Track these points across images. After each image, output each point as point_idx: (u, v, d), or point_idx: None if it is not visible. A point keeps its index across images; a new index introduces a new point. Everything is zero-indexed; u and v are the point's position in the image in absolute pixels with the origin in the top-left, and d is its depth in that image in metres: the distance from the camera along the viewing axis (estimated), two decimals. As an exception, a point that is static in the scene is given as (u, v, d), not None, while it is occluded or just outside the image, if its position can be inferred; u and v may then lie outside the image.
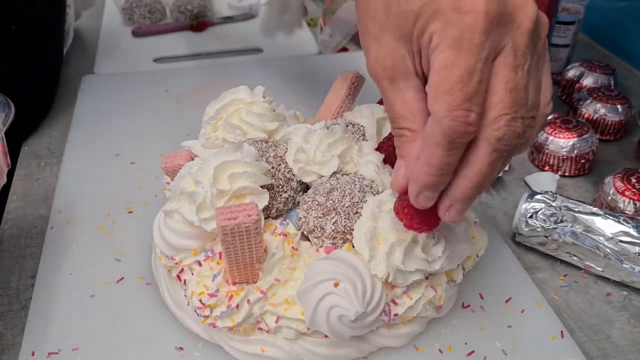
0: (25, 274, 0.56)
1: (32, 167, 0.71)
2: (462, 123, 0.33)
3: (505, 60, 0.34)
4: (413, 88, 0.37)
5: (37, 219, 0.62)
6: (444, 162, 0.35)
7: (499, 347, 0.50)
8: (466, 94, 0.33)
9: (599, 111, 0.76)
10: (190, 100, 0.83)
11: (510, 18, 0.34)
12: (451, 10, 0.33)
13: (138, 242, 0.58)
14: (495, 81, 0.34)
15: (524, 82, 0.34)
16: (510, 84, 0.33)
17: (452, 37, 0.33)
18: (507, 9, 0.33)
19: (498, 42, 0.33)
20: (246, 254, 0.44)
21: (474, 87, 0.33)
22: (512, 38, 0.34)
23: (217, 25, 1.08)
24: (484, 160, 0.35)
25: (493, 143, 0.34)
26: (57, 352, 0.48)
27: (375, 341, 0.48)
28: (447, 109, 0.33)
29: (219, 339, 0.48)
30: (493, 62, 0.34)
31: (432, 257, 0.44)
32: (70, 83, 0.88)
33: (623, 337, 0.52)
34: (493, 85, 0.34)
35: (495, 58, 0.34)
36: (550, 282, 0.57)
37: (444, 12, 0.33)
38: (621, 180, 0.62)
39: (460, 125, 0.33)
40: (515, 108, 0.34)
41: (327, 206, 0.47)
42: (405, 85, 0.37)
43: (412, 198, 0.38)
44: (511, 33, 0.34)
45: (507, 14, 0.33)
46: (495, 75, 0.34)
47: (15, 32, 0.71)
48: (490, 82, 0.34)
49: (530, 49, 0.35)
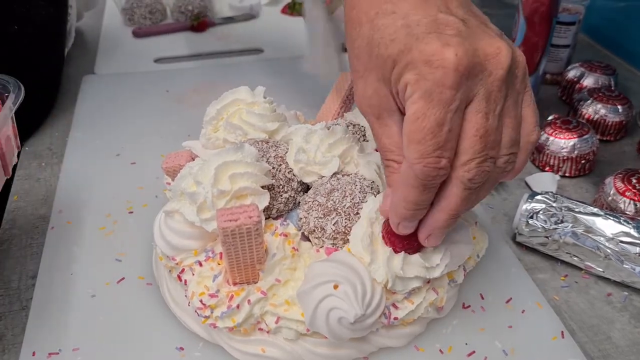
0: (26, 274, 0.56)
1: (32, 167, 0.71)
2: (433, 169, 0.35)
3: (477, 107, 0.35)
4: (397, 123, 0.39)
5: (37, 219, 0.62)
6: (419, 199, 0.38)
7: (500, 347, 0.49)
8: (436, 144, 0.35)
9: (599, 112, 0.76)
10: (191, 101, 0.83)
11: (481, 67, 0.35)
12: (423, 64, 0.34)
13: (139, 242, 0.58)
14: (467, 127, 0.35)
15: (495, 125, 0.36)
16: (481, 130, 0.35)
17: (424, 89, 0.34)
18: (477, 60, 0.34)
19: (469, 92, 0.35)
20: (247, 254, 0.44)
21: (444, 137, 0.35)
22: (484, 86, 0.35)
23: (218, 26, 1.08)
24: (458, 196, 0.37)
25: (465, 183, 0.36)
26: (58, 352, 0.48)
27: (375, 341, 0.48)
28: (419, 157, 0.35)
29: (219, 339, 0.48)
30: (466, 109, 0.35)
31: (431, 264, 0.44)
32: (71, 83, 0.88)
33: (623, 337, 0.52)
34: (465, 130, 0.35)
35: (467, 105, 0.35)
36: (551, 282, 0.57)
37: (416, 65, 0.35)
38: (622, 180, 0.62)
39: (431, 171, 0.35)
40: (485, 152, 0.36)
41: (327, 207, 0.47)
42: (391, 120, 0.39)
43: (393, 226, 0.42)
44: (483, 82, 0.35)
45: (478, 65, 0.34)
46: (467, 122, 0.35)
47: (16, 32, 0.71)
48: (462, 127, 0.35)
49: (504, 92, 0.36)
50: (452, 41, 0.34)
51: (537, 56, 0.75)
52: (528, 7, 0.72)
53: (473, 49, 0.34)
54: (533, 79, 0.77)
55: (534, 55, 0.75)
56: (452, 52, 0.34)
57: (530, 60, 0.76)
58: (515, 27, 0.75)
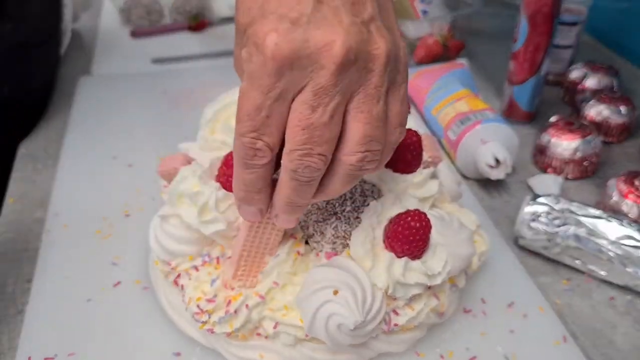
0: (22, 278, 0.55)
1: (28, 169, 0.70)
2: (250, 148, 0.35)
3: (303, 99, 0.34)
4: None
5: (33, 222, 0.62)
6: (245, 178, 0.37)
7: (501, 352, 0.49)
8: (252, 126, 0.34)
9: (602, 113, 0.76)
10: (189, 102, 0.82)
11: (309, 59, 0.33)
12: (253, 45, 0.33)
13: (135, 245, 0.58)
14: (291, 117, 0.34)
15: (325, 120, 0.34)
16: (304, 122, 0.34)
17: (249, 71, 0.34)
18: (304, 51, 0.33)
19: (296, 82, 0.34)
20: (264, 239, 0.44)
21: (260, 121, 0.34)
22: (313, 78, 0.33)
23: (216, 26, 1.07)
24: (285, 183, 0.37)
25: (289, 173, 0.36)
26: (54, 357, 0.48)
27: (375, 347, 0.47)
28: (237, 133, 0.35)
29: (217, 344, 0.47)
30: (294, 99, 0.34)
31: (432, 271, 0.44)
32: (67, 84, 0.87)
33: (626, 341, 0.52)
34: (289, 120, 0.35)
35: (295, 96, 0.34)
36: (553, 286, 0.57)
37: (249, 43, 0.34)
38: (625, 182, 0.61)
39: (248, 150, 0.35)
40: (309, 145, 0.34)
41: (327, 210, 0.46)
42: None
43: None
44: (313, 74, 0.33)
45: (304, 57, 0.33)
46: (292, 111, 0.34)
47: (10, 31, 0.71)
48: (289, 117, 0.35)
49: (342, 87, 0.34)
50: (280, 28, 0.32)
51: (539, 57, 0.75)
52: (530, 8, 0.72)
53: (302, 39, 0.33)
54: (535, 80, 0.77)
55: (536, 56, 0.75)
56: (272, 40, 0.32)
57: (532, 61, 0.75)
58: (518, 27, 0.74)
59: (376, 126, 0.35)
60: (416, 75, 0.82)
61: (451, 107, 0.72)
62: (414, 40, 0.92)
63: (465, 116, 0.70)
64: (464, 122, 0.69)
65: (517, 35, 0.75)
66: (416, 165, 0.50)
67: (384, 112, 0.36)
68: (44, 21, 0.79)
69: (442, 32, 0.92)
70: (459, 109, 0.71)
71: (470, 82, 0.81)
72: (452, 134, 0.70)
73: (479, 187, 0.70)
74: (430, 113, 0.77)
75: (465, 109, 0.71)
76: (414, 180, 0.49)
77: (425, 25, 0.93)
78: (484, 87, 0.89)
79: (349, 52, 0.33)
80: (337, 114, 0.34)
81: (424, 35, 0.92)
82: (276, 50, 0.32)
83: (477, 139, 0.67)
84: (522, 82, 0.77)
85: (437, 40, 0.92)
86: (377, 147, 0.36)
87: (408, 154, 0.49)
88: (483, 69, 0.94)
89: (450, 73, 0.81)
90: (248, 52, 0.34)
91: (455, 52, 0.94)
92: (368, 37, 0.34)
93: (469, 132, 0.68)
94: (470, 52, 0.98)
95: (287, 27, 0.32)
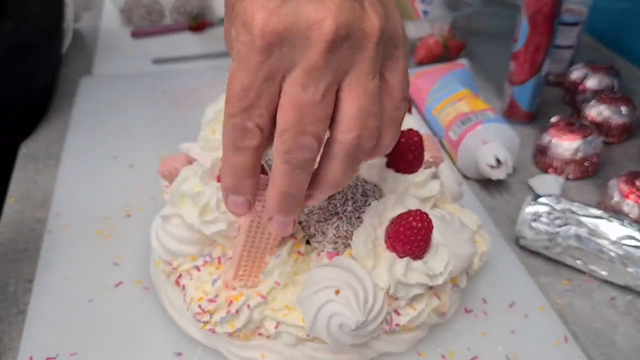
0: (23, 278, 0.55)
1: (29, 169, 0.70)
2: (239, 130, 0.34)
3: (294, 78, 0.33)
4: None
5: (35, 223, 0.62)
6: (234, 162, 0.36)
7: (502, 352, 0.49)
8: (241, 107, 0.33)
9: (603, 113, 0.76)
10: (189, 102, 0.82)
11: (299, 36, 0.32)
12: (241, 24, 0.32)
13: (136, 245, 0.58)
14: (282, 97, 0.33)
15: (317, 99, 0.33)
16: (294, 101, 0.33)
17: (237, 50, 0.33)
18: (294, 29, 0.31)
19: (286, 61, 0.32)
20: (264, 238, 0.44)
21: (250, 102, 0.33)
22: (303, 57, 0.32)
23: (217, 27, 1.07)
24: (279, 171, 0.35)
25: (281, 155, 0.34)
26: (55, 356, 0.48)
27: (376, 347, 0.47)
28: (227, 115, 0.34)
29: (218, 344, 0.47)
30: (284, 79, 0.33)
31: (434, 271, 0.44)
32: (68, 84, 0.87)
33: (627, 342, 0.52)
34: (280, 103, 0.34)
35: (285, 75, 0.33)
36: (554, 286, 0.57)
37: (236, 22, 0.33)
38: (625, 183, 0.61)
39: (238, 132, 0.34)
40: (301, 125, 0.33)
41: (328, 210, 0.46)
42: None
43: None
44: (304, 51, 0.32)
45: (294, 34, 0.32)
46: (283, 92, 0.33)
47: (11, 31, 0.71)
48: (280, 100, 0.34)
49: (334, 65, 0.33)
50: (269, 4, 0.31)
51: (540, 57, 0.75)
52: (531, 8, 0.72)
53: (292, 15, 0.31)
54: (536, 80, 0.77)
55: (536, 56, 0.75)
56: (261, 16, 0.31)
57: (533, 61, 0.75)
58: (518, 27, 0.74)
59: (371, 101, 0.34)
60: (417, 76, 0.82)
61: (452, 108, 0.73)
62: (414, 41, 0.92)
63: (466, 116, 0.70)
64: (465, 123, 0.69)
65: (517, 36, 0.75)
66: (417, 165, 0.50)
67: (378, 89, 0.35)
68: (45, 21, 0.79)
69: (442, 32, 0.92)
70: (459, 110, 0.71)
71: (471, 83, 0.81)
72: (453, 134, 0.70)
73: (480, 188, 0.70)
74: (431, 113, 0.77)
75: (466, 110, 0.71)
76: (415, 181, 0.49)
77: (425, 25, 0.93)
78: (485, 87, 0.89)
79: (340, 29, 0.32)
80: (329, 92, 0.33)
81: (425, 35, 0.92)
82: (265, 27, 0.31)
83: (478, 140, 0.67)
84: (523, 83, 0.77)
85: (437, 40, 0.92)
86: (373, 123, 0.35)
87: (409, 154, 0.49)
88: (483, 70, 0.94)
89: (450, 73, 0.81)
90: (236, 31, 0.33)
91: (455, 53, 0.94)
92: (361, 13, 0.33)
93: (470, 132, 0.68)
94: (471, 53, 0.98)
95: (277, 4, 0.31)
